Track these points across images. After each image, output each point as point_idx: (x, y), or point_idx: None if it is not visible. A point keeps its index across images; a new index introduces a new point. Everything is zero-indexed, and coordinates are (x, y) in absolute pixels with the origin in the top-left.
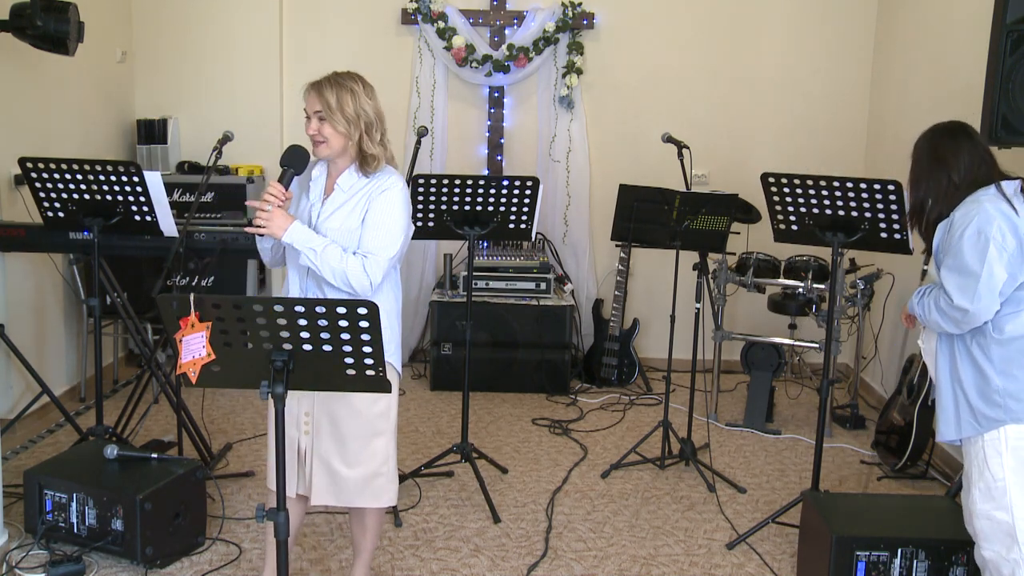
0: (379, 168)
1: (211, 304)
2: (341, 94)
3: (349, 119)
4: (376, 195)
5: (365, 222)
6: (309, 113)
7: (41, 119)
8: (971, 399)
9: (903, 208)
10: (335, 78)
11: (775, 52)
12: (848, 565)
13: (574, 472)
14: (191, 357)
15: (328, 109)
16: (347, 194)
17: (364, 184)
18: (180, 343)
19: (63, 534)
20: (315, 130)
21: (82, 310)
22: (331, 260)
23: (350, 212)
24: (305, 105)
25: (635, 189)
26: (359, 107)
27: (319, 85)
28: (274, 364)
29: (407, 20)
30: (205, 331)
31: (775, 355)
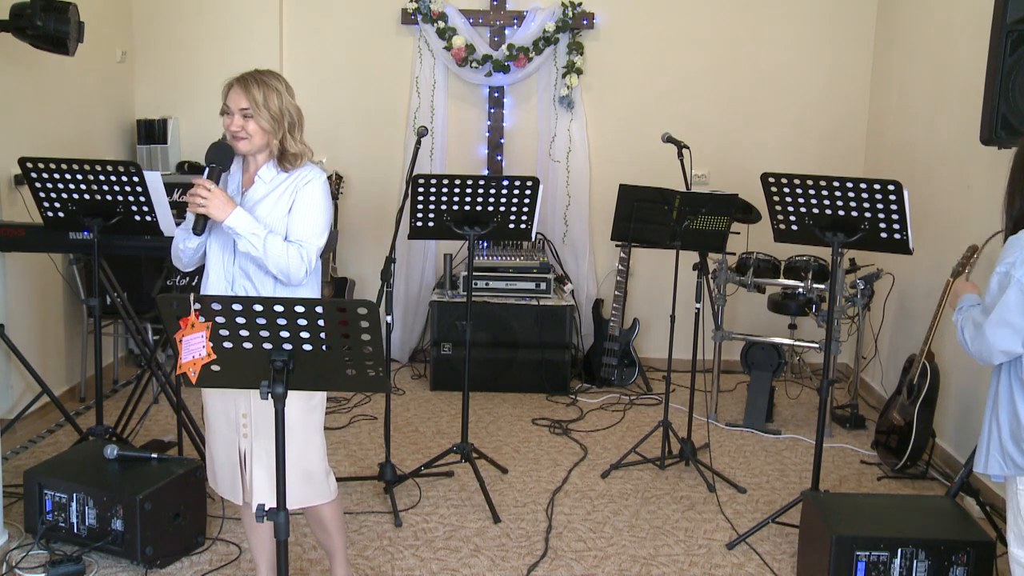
0: (300, 164)
1: (211, 304)
2: (268, 92)
3: (275, 117)
4: (301, 186)
5: (293, 211)
6: (233, 109)
7: (41, 119)
8: (1003, 438)
9: (903, 208)
10: (260, 76)
11: (775, 52)
12: (848, 565)
13: (574, 472)
14: (191, 357)
15: (255, 106)
16: (269, 186)
17: (285, 177)
18: (180, 343)
19: (63, 534)
20: (239, 126)
21: (82, 310)
22: (275, 247)
23: (275, 202)
24: (227, 101)
25: (635, 189)
26: (284, 106)
27: (245, 82)
28: (274, 364)
29: (407, 20)
30: (205, 331)
31: (775, 355)
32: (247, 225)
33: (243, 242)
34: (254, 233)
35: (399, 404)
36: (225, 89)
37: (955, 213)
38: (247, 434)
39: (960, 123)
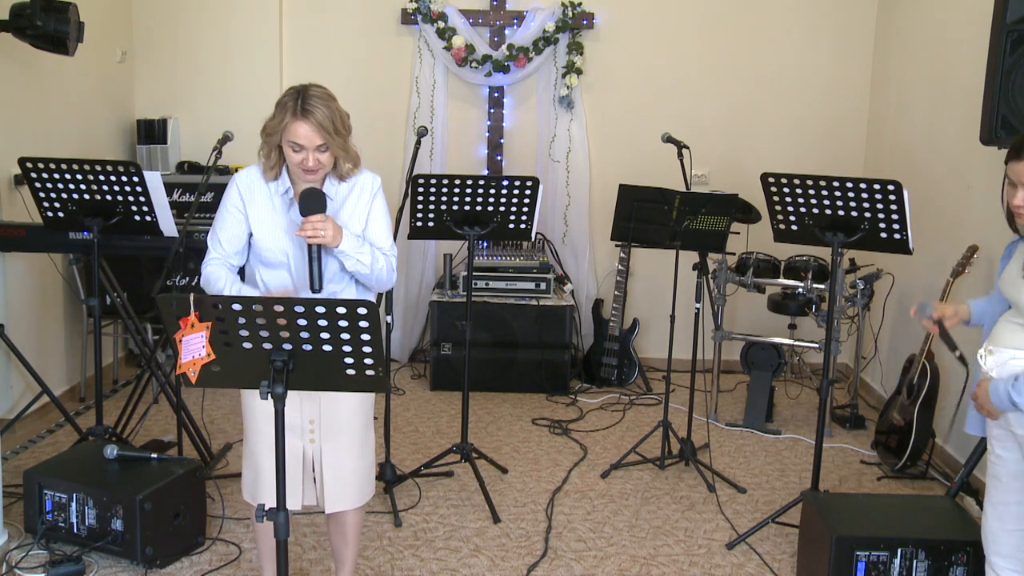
0: (358, 170)
1: (211, 304)
2: (333, 116)
3: (342, 135)
4: (370, 195)
5: (371, 221)
6: (307, 147)
7: (41, 119)
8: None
9: (903, 208)
10: (323, 101)
11: (775, 52)
12: (848, 565)
13: (574, 472)
14: (191, 357)
15: (330, 137)
16: (337, 200)
17: (347, 186)
18: (180, 343)
19: (63, 534)
20: (315, 162)
21: (82, 310)
22: (379, 262)
23: (351, 215)
24: (293, 138)
25: (635, 189)
26: (342, 118)
27: (315, 116)
28: (274, 364)
29: (407, 20)
30: (205, 331)
31: (775, 355)
32: (355, 247)
33: (351, 262)
34: (361, 251)
35: (399, 404)
36: (289, 123)
37: (955, 213)
38: (314, 439)
39: (960, 123)
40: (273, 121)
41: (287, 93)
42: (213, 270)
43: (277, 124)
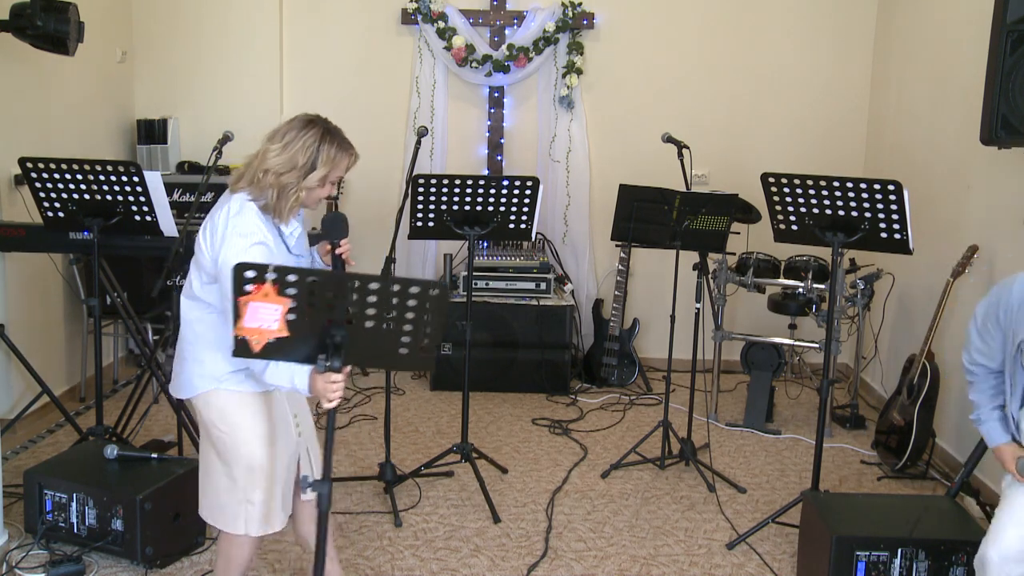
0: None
1: (287, 276)
2: None
3: None
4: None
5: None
6: (340, 179)
7: (41, 119)
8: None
9: (903, 208)
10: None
11: (775, 52)
12: (848, 565)
13: (574, 472)
14: (257, 325)
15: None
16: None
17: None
18: (245, 306)
19: (63, 534)
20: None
21: (82, 310)
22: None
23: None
24: (341, 172)
25: (635, 189)
26: None
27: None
28: (332, 339)
29: (407, 20)
30: (283, 306)
31: (775, 355)
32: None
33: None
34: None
35: (399, 404)
36: (344, 160)
37: (955, 213)
38: (301, 432)
39: (960, 123)
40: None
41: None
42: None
43: (336, 161)
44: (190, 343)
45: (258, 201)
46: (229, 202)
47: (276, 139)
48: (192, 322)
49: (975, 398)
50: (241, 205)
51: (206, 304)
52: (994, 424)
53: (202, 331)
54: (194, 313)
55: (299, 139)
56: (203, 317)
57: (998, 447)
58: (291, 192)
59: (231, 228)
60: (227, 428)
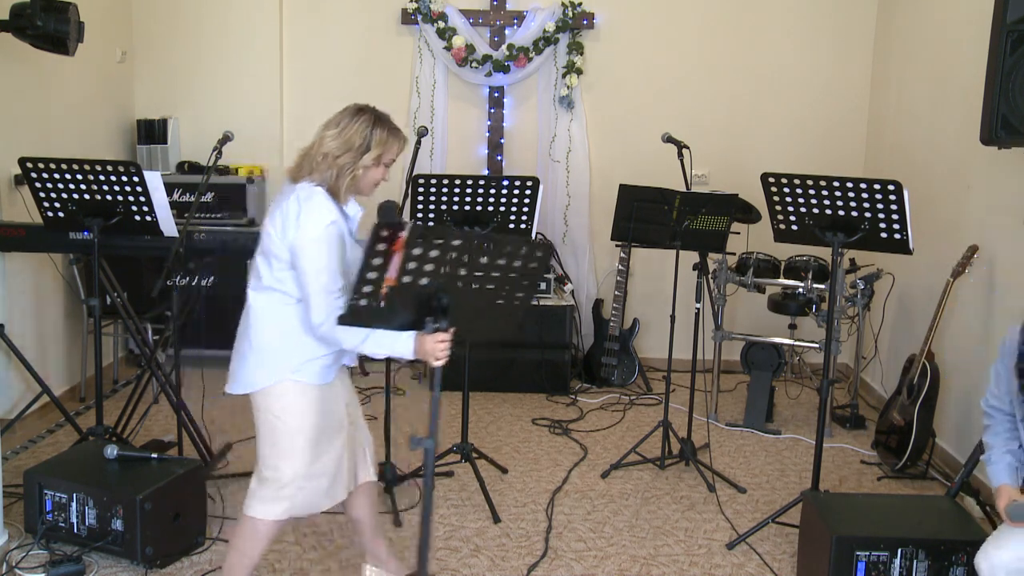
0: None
1: (418, 233)
2: None
3: None
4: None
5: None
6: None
7: (41, 119)
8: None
9: (903, 208)
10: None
11: (775, 52)
12: (848, 565)
13: (574, 472)
14: (392, 275)
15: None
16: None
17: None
18: (392, 258)
19: (63, 534)
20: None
21: (82, 310)
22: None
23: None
24: (394, 155)
25: (635, 189)
26: None
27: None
28: (440, 302)
29: (407, 20)
30: (399, 254)
31: (775, 355)
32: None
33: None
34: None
35: (399, 404)
36: (395, 142)
37: (955, 213)
38: (353, 420)
39: (960, 123)
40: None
41: (362, 114)
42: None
43: (388, 142)
44: (258, 333)
45: (321, 185)
46: (295, 190)
47: (331, 126)
48: (262, 314)
49: (990, 440)
50: (310, 191)
51: (280, 294)
52: (1002, 467)
53: (274, 321)
54: (265, 305)
55: (353, 124)
56: (275, 308)
57: (998, 487)
58: (348, 172)
59: (304, 212)
60: (284, 417)
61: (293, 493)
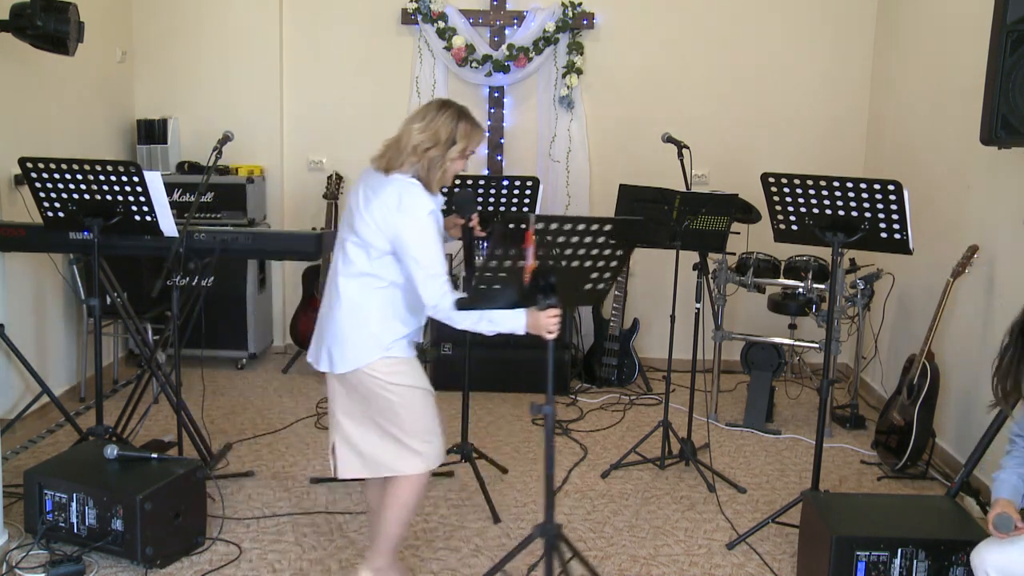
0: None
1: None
2: None
3: None
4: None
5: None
6: (473, 153)
7: (41, 119)
8: None
9: (903, 208)
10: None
11: (775, 52)
12: (848, 565)
13: (574, 472)
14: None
15: None
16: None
17: None
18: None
19: (63, 534)
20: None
21: (82, 310)
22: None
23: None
24: (476, 146)
25: (635, 189)
26: None
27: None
28: (548, 281)
29: (407, 20)
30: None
31: (775, 355)
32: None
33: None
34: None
35: None
36: (478, 134)
37: (955, 213)
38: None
39: (960, 123)
40: (461, 131)
41: (447, 108)
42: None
43: (471, 135)
44: (353, 317)
45: (415, 177)
46: (391, 182)
47: (417, 120)
48: (356, 299)
49: (1005, 461)
50: (408, 183)
51: (374, 278)
52: (1007, 484)
53: (370, 304)
54: (359, 290)
55: (439, 117)
56: (370, 292)
57: (996, 499)
58: (438, 165)
59: (407, 201)
60: (404, 384)
61: (428, 448)
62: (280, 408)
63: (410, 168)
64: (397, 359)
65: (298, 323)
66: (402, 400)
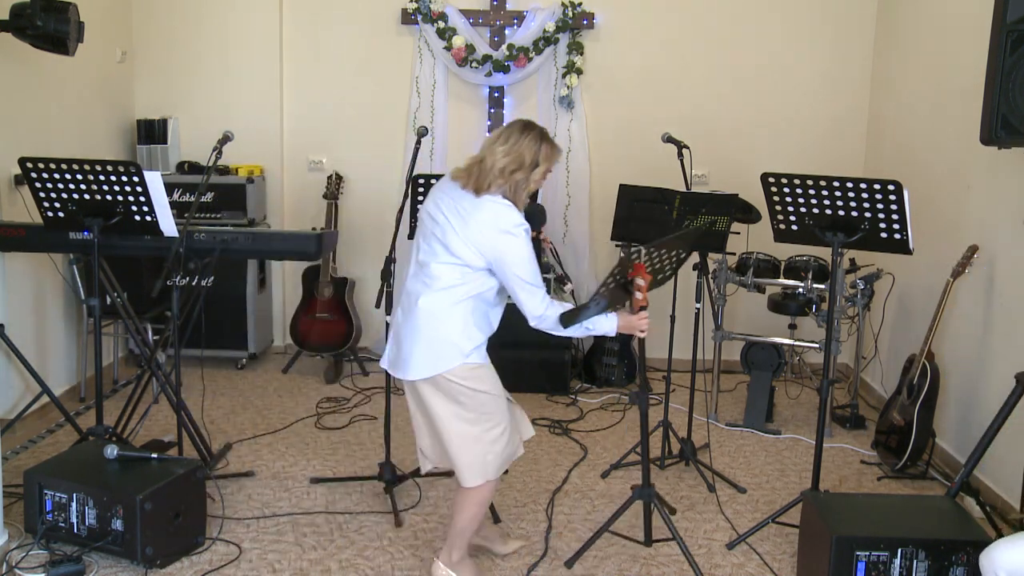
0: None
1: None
2: None
3: None
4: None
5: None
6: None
7: (41, 119)
8: None
9: (903, 208)
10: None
11: (775, 52)
12: (848, 565)
13: (574, 472)
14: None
15: None
16: None
17: None
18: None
19: (63, 534)
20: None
21: (82, 310)
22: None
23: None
24: (553, 164)
25: (635, 189)
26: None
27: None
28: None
29: (407, 20)
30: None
31: (775, 355)
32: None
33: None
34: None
35: (399, 404)
36: (557, 155)
37: (955, 213)
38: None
39: (960, 123)
40: (544, 154)
41: (530, 131)
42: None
43: (552, 156)
44: (435, 326)
45: (506, 197)
46: (487, 206)
47: (500, 142)
48: (439, 310)
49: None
50: (503, 205)
51: (462, 292)
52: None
53: (454, 315)
54: (443, 302)
55: (522, 140)
56: (454, 304)
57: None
58: (523, 187)
59: (505, 226)
60: (480, 390)
61: (503, 448)
62: (280, 408)
63: (497, 189)
64: (475, 365)
65: (298, 323)
66: (475, 403)
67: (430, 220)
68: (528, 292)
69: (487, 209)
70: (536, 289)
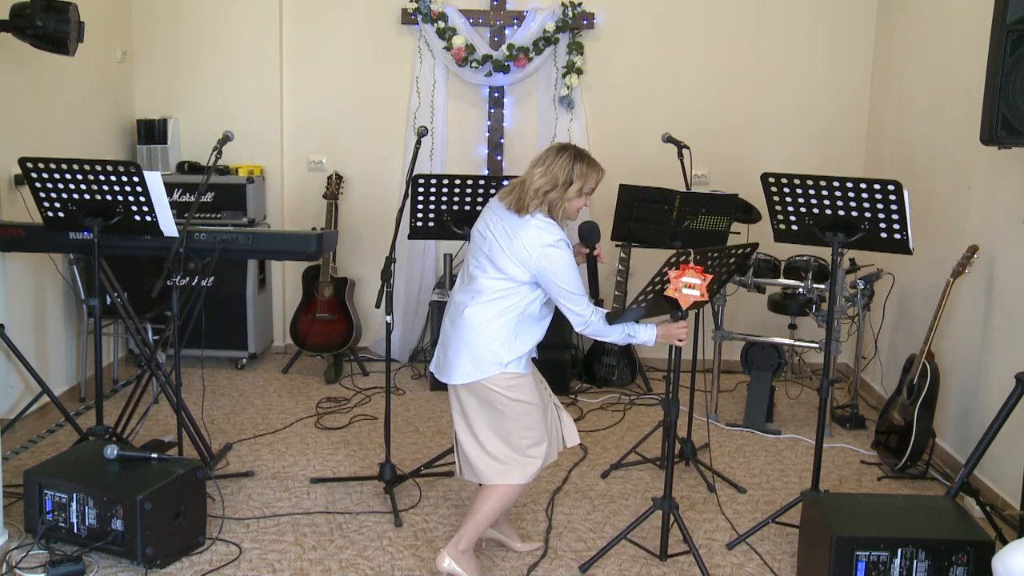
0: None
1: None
2: None
3: None
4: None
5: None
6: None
7: (41, 119)
8: None
9: (903, 208)
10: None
11: (775, 52)
12: (848, 565)
13: (574, 472)
14: (687, 292)
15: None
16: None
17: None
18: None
19: (63, 534)
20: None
21: (82, 310)
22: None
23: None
24: (594, 184)
25: (635, 189)
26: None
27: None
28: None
29: (407, 20)
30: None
31: (775, 355)
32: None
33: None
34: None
35: (399, 404)
36: (594, 174)
37: (955, 213)
38: (550, 394)
39: (960, 123)
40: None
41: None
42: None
43: (587, 175)
44: (481, 336)
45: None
46: (529, 226)
47: (539, 164)
48: (484, 324)
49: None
50: (543, 225)
51: (508, 302)
52: None
53: (498, 326)
54: (490, 314)
55: (557, 161)
56: (500, 316)
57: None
58: (558, 206)
59: (546, 242)
60: (518, 399)
61: (537, 454)
62: (280, 408)
63: (536, 208)
64: (515, 375)
65: (298, 323)
66: (512, 412)
67: (480, 237)
68: (572, 301)
69: (530, 231)
70: (579, 297)
